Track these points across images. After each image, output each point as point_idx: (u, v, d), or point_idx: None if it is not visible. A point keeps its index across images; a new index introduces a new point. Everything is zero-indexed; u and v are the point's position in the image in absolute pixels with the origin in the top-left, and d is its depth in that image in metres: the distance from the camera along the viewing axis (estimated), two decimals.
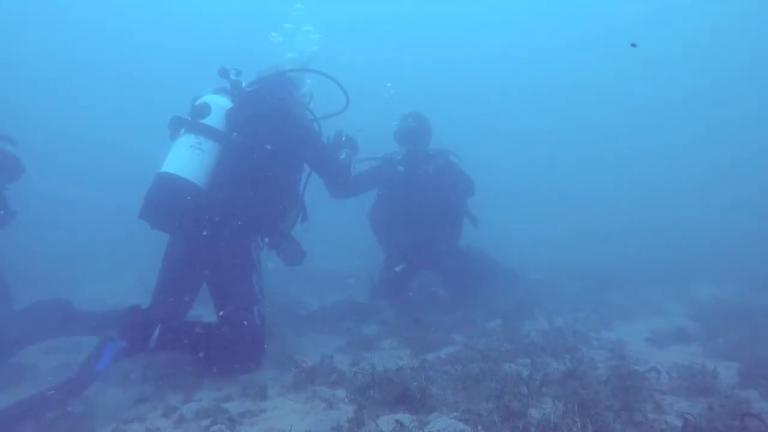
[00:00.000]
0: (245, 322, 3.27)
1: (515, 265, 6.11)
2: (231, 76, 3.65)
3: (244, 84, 3.70)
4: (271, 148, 3.47)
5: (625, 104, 20.59)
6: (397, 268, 5.20)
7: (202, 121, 3.40)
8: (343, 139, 4.32)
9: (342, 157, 4.21)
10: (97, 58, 18.93)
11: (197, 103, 3.52)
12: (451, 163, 5.34)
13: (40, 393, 2.66)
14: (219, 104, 3.50)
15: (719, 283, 6.08)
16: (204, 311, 4.52)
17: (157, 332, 3.05)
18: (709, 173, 16.36)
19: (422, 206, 5.10)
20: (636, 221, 12.61)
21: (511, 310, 4.79)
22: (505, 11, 21.79)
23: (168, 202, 3.22)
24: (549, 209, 14.46)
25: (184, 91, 3.78)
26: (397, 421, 2.18)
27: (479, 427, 2.11)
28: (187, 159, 3.29)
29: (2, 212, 4.03)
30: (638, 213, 13.66)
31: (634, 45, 16.44)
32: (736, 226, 10.21)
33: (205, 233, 3.28)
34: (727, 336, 3.76)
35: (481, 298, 5.27)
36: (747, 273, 6.41)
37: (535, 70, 21.39)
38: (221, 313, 3.36)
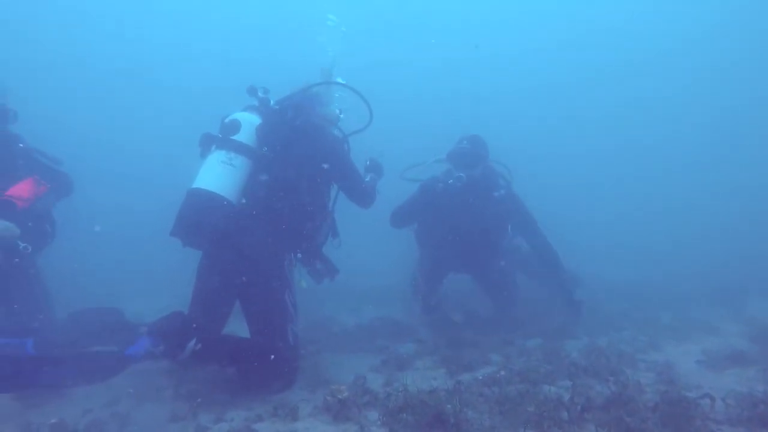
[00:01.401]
0: (279, 342, 3.27)
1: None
2: (259, 94, 3.70)
3: (272, 102, 3.74)
4: (300, 164, 3.50)
5: (676, 115, 19.90)
6: (455, 318, 5.13)
7: (232, 137, 3.44)
8: (368, 163, 4.35)
9: (367, 179, 4.24)
10: (132, 67, 19.59)
11: (227, 120, 3.57)
12: (515, 196, 5.14)
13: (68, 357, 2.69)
14: (249, 121, 3.54)
15: None
16: (238, 327, 4.59)
17: (192, 343, 3.07)
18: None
19: (472, 232, 4.99)
20: (685, 233, 12.06)
21: (551, 329, 4.62)
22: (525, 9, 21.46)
23: (200, 218, 3.25)
24: (589, 220, 13.99)
25: (221, 108, 3.85)
26: None
27: None
28: (219, 174, 3.33)
29: (49, 229, 4.18)
30: (687, 224, 13.06)
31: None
32: None
33: (238, 249, 3.31)
34: None
35: (518, 315, 5.12)
36: None
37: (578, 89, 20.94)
38: (255, 331, 3.38)
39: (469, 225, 4.96)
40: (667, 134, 19.41)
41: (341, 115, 4.06)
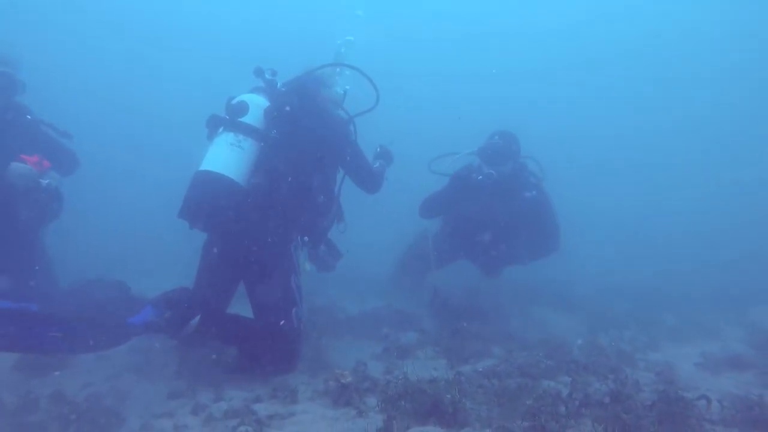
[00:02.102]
0: (283, 324, 3.31)
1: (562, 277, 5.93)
2: (266, 76, 3.67)
3: (279, 84, 3.72)
4: (308, 147, 3.50)
5: (677, 108, 19.64)
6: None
7: (240, 119, 3.42)
8: (378, 150, 4.34)
9: (376, 165, 4.23)
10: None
11: (234, 101, 3.52)
12: (546, 200, 5.05)
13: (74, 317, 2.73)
14: (256, 103, 3.50)
15: None
16: (240, 308, 4.65)
17: (196, 319, 3.10)
18: None
19: (495, 224, 4.96)
20: (692, 235, 12.00)
21: (553, 325, 4.65)
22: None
23: (208, 200, 3.25)
24: (595, 220, 13.94)
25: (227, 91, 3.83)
26: None
27: None
28: (227, 156, 3.31)
29: (55, 205, 4.14)
30: (694, 225, 12.97)
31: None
32: None
33: (245, 231, 3.34)
34: None
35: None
36: None
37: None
38: (259, 313, 3.42)
39: (491, 223, 4.92)
40: (675, 133, 19.20)
41: (345, 94, 3.99)
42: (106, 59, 18.57)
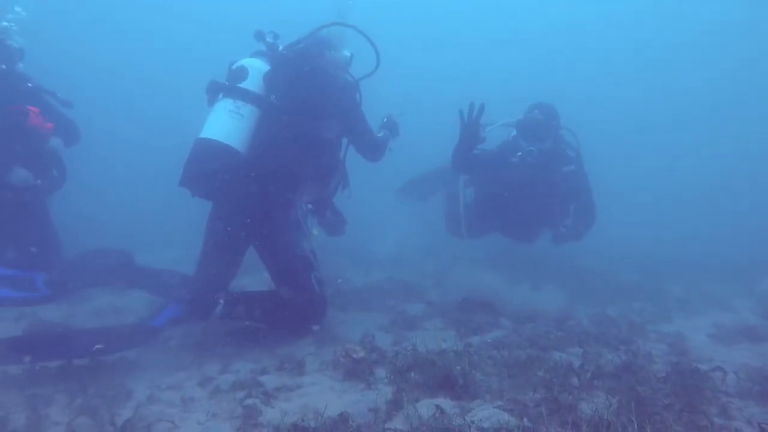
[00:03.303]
0: (305, 290, 3.35)
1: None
2: (267, 39, 3.57)
3: (281, 47, 3.61)
4: (309, 112, 3.41)
5: (688, 83, 19.24)
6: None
7: (239, 85, 3.34)
8: (385, 120, 4.22)
9: (380, 135, 4.11)
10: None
11: (234, 66, 3.46)
12: (584, 174, 4.91)
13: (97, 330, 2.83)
14: (256, 67, 3.43)
15: None
16: (246, 280, 4.62)
17: (220, 307, 3.15)
18: None
19: (532, 208, 4.85)
20: (701, 206, 11.86)
21: (560, 297, 4.59)
22: None
23: (209, 168, 3.21)
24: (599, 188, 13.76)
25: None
26: (438, 406, 2.10)
27: (525, 419, 2.01)
28: (226, 124, 3.25)
29: (56, 174, 4.14)
30: (703, 198, 12.81)
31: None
32: None
33: (248, 199, 3.28)
34: None
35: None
36: None
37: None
38: (279, 281, 3.43)
39: (532, 201, 4.80)
40: (685, 100, 18.86)
41: (352, 57, 3.83)
42: (108, 27, 18.33)
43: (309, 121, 3.41)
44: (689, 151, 16.59)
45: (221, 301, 3.17)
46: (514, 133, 4.88)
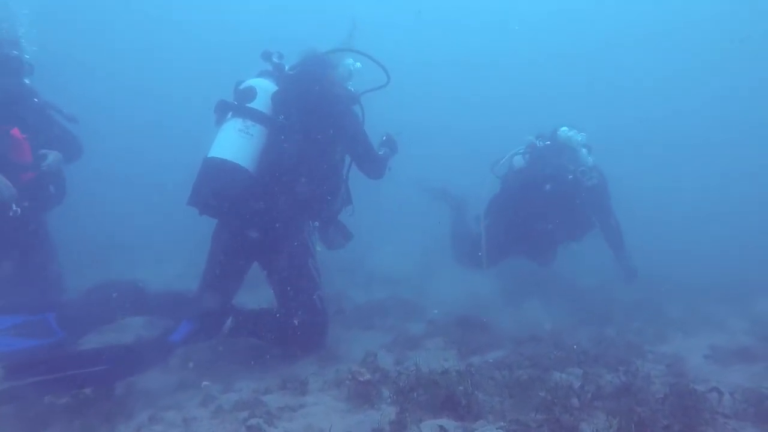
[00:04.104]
0: (308, 310, 3.39)
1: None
2: (274, 59, 3.65)
3: (287, 67, 3.69)
4: (316, 132, 3.49)
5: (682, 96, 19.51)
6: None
7: (248, 105, 3.41)
8: (384, 138, 4.32)
9: (380, 153, 4.21)
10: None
11: (242, 86, 3.52)
12: (605, 183, 5.32)
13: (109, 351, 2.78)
14: (264, 88, 3.50)
15: None
16: (247, 297, 4.64)
17: (230, 321, 3.18)
18: None
19: (560, 217, 5.18)
20: (699, 225, 11.96)
21: (562, 315, 4.66)
22: None
23: (218, 188, 3.27)
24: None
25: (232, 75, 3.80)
26: (441, 427, 2.15)
27: None
28: (235, 143, 3.32)
29: (53, 190, 4.08)
30: (702, 216, 12.94)
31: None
32: None
33: (257, 218, 3.34)
34: None
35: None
36: None
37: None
38: (283, 300, 3.47)
39: (561, 219, 5.15)
40: (683, 119, 19.10)
41: (352, 72, 3.96)
42: (116, 41, 18.54)
43: (316, 141, 3.49)
44: (697, 166, 16.77)
45: (230, 319, 3.20)
46: (526, 156, 5.32)
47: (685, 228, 11.97)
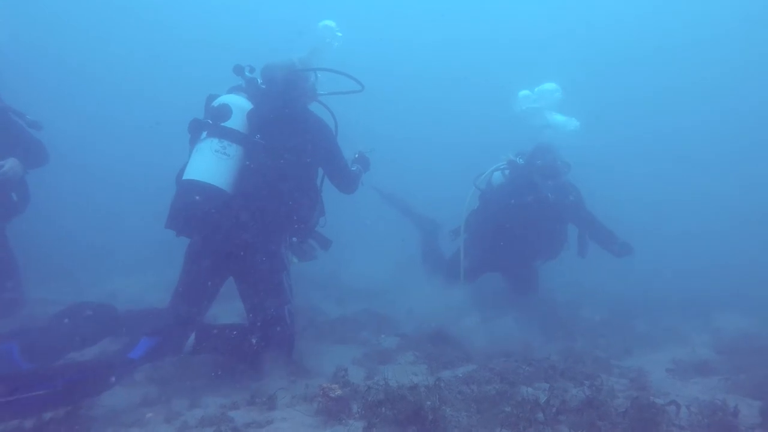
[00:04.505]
0: (277, 323, 3.36)
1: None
2: (246, 74, 3.62)
3: (259, 80, 3.68)
4: (293, 150, 3.50)
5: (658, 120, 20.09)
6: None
7: (224, 124, 3.36)
8: (357, 155, 4.36)
9: (353, 168, 4.27)
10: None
11: (216, 104, 3.46)
12: (581, 201, 5.42)
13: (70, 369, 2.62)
14: (239, 105, 3.46)
15: (748, 314, 5.87)
16: (219, 309, 4.59)
17: (192, 338, 3.11)
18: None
19: (538, 231, 5.26)
20: (666, 244, 12.32)
21: (533, 330, 4.74)
22: None
23: (197, 211, 3.22)
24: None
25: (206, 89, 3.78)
26: None
27: None
28: (213, 165, 3.27)
29: (16, 198, 3.97)
30: (670, 236, 13.33)
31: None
32: None
33: (236, 239, 3.31)
34: (751, 372, 3.65)
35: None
36: None
37: None
38: (253, 313, 3.44)
39: (539, 235, 5.24)
40: (638, 141, 19.67)
41: (317, 77, 3.97)
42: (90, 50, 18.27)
43: (294, 158, 3.50)
44: (649, 190, 17.24)
45: (192, 335, 3.12)
46: (506, 172, 5.43)
47: (653, 244, 12.33)
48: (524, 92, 6.82)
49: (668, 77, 20.26)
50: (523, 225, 5.21)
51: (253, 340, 3.26)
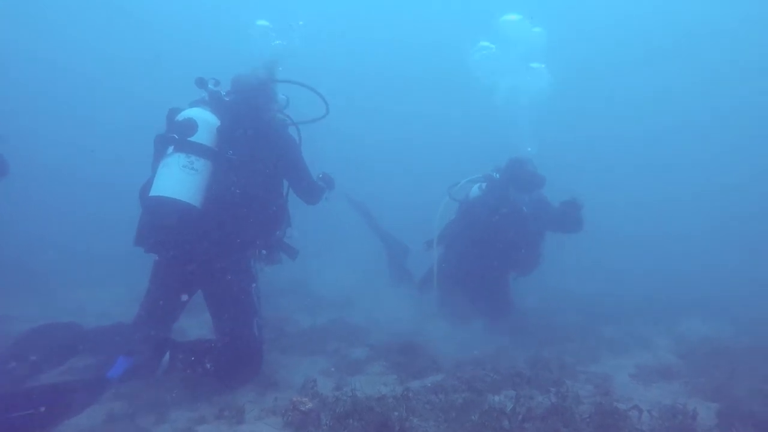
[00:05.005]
0: (246, 335, 3.34)
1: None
2: (210, 87, 3.58)
3: (223, 93, 3.64)
4: (262, 165, 3.50)
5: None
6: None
7: (190, 138, 3.31)
8: (321, 176, 4.34)
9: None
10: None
11: (180, 118, 3.38)
12: (547, 204, 5.45)
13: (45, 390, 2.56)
14: (204, 119, 3.40)
15: (710, 318, 6.05)
16: (188, 323, 4.52)
17: (167, 357, 3.06)
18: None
19: (513, 245, 5.26)
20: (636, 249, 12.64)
21: (500, 338, 4.79)
22: None
23: (166, 228, 3.17)
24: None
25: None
26: None
27: None
28: (180, 180, 3.21)
29: None
30: (640, 240, 13.68)
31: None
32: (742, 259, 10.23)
33: (206, 254, 3.28)
34: (710, 375, 3.77)
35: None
36: (739, 309, 6.47)
37: None
38: (221, 326, 3.40)
39: (511, 249, 5.26)
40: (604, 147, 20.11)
41: (288, 101, 4.00)
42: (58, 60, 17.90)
43: (263, 172, 3.49)
44: (617, 195, 17.65)
45: (167, 353, 3.06)
46: (483, 185, 5.42)
47: (622, 247, 12.66)
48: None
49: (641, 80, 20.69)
50: (498, 238, 5.23)
51: (222, 355, 3.22)
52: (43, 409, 2.45)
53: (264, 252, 3.72)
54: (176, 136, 3.32)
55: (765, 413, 2.87)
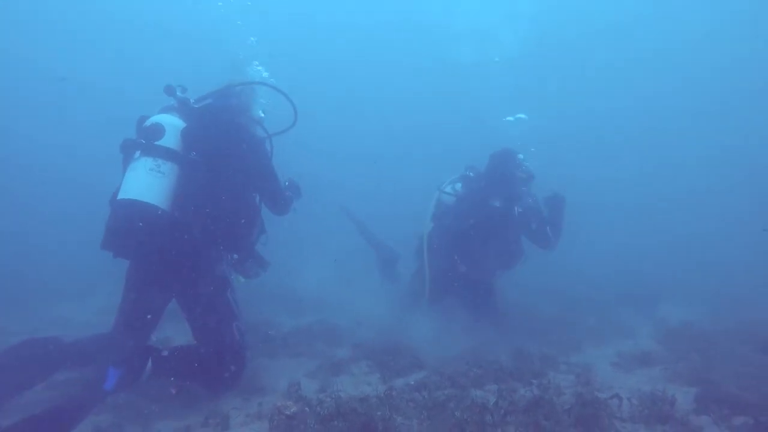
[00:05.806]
0: (226, 341, 3.30)
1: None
2: (178, 94, 3.56)
3: (192, 100, 3.63)
4: (228, 167, 3.45)
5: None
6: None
7: (157, 142, 3.31)
8: (287, 183, 4.32)
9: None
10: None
11: (147, 123, 3.40)
12: (536, 205, 5.40)
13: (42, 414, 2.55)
14: (172, 123, 3.41)
15: (690, 305, 6.16)
16: (172, 328, 4.48)
17: (149, 364, 3.02)
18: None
19: (500, 242, 5.23)
20: (619, 239, 12.80)
21: (486, 331, 4.82)
22: None
23: (133, 230, 3.13)
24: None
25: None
26: None
27: None
28: (147, 183, 3.20)
29: None
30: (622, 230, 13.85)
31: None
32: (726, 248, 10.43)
33: (175, 257, 3.24)
34: (689, 359, 3.84)
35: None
36: (718, 295, 6.61)
37: None
38: (200, 334, 3.37)
39: (498, 245, 5.20)
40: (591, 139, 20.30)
41: (263, 116, 3.99)
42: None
43: (229, 175, 3.46)
44: (598, 186, 17.85)
45: (149, 361, 3.02)
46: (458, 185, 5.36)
47: (602, 234, 12.81)
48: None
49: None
50: (473, 247, 5.19)
51: (204, 361, 3.20)
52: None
53: (235, 256, 3.69)
54: (143, 141, 3.31)
55: (740, 395, 2.94)
